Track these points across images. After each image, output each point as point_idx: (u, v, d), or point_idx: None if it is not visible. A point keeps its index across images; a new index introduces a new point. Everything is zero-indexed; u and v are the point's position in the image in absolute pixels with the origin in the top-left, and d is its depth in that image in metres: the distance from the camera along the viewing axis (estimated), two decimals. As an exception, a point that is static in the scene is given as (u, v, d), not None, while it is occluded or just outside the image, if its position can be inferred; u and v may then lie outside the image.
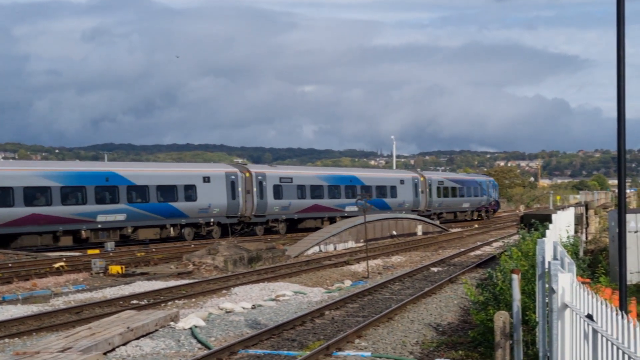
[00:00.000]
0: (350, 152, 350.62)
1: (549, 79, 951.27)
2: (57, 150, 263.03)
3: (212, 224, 52.78)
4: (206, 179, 52.35)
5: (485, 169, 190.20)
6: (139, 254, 40.29)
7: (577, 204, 47.89)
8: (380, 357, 15.43)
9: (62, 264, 33.66)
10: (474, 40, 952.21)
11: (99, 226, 46.10)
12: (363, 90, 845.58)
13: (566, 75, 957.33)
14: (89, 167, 50.01)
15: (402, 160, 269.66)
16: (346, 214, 60.67)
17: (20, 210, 41.99)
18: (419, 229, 56.26)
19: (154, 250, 43.39)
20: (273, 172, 58.76)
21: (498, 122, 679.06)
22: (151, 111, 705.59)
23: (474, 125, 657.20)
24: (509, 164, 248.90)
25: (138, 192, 48.30)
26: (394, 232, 52.49)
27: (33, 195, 43.18)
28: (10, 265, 34.75)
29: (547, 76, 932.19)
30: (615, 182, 12.54)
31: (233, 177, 54.10)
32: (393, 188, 69.27)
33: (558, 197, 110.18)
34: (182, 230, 51.13)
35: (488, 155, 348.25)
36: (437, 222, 65.55)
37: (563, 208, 40.64)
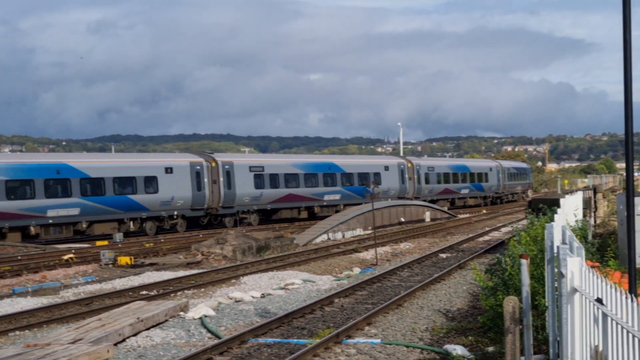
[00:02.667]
0: (357, 140, 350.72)
1: (555, 63, 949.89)
2: (64, 143, 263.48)
3: None
4: (386, 168, 67.83)
5: (493, 154, 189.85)
6: (147, 245, 40.37)
7: (585, 188, 47.77)
8: (390, 344, 15.43)
9: (71, 255, 33.74)
10: (479, 26, 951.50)
11: (324, 204, 60.69)
12: (368, 77, 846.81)
13: (572, 59, 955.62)
14: (319, 159, 67.48)
15: (409, 146, 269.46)
16: (461, 195, 78.99)
17: (282, 191, 57.25)
18: (427, 216, 56.26)
19: (162, 240, 43.48)
20: (424, 163, 74.57)
21: (504, 107, 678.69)
22: (157, 102, 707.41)
23: (479, 110, 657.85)
24: (516, 149, 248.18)
25: (346, 178, 63.31)
26: (402, 219, 52.50)
27: (288, 179, 58.17)
28: (19, 257, 34.85)
29: (552, 60, 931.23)
30: (623, 165, 12.50)
31: (402, 166, 69.83)
32: (486, 174, 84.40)
33: (566, 182, 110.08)
34: None
35: (495, 141, 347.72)
36: (446, 208, 66.02)
37: (571, 192, 40.54)
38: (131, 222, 47.46)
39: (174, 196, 49.62)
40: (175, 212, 50.10)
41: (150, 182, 48.74)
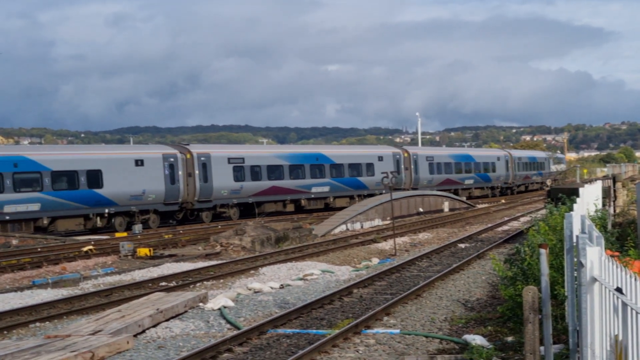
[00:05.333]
0: (375, 130, 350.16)
1: (573, 52, 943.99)
2: (82, 135, 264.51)
3: (497, 187, 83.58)
4: (499, 159, 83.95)
5: (512, 144, 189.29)
6: (166, 236, 40.50)
7: (605, 177, 47.52)
8: (409, 334, 15.43)
9: (91, 247, 33.90)
10: (497, 15, 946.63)
11: (464, 186, 76.01)
12: (386, 68, 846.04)
13: (590, 48, 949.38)
14: (455, 151, 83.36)
15: (428, 136, 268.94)
16: (532, 181, 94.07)
17: (443, 177, 72.13)
18: (446, 206, 56.14)
19: (181, 232, 43.61)
20: (516, 154, 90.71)
21: (522, 96, 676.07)
22: (175, 93, 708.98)
23: (497, 100, 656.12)
24: (534, 139, 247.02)
25: (457, 167, 76.11)
26: (421, 209, 52.42)
27: (446, 167, 73.27)
28: (39, 249, 35.05)
29: (571, 49, 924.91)
30: (643, 154, 12.35)
31: (506, 158, 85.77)
32: (544, 164, 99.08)
33: (585, 171, 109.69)
34: (494, 192, 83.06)
35: (514, 130, 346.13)
36: (464, 198, 66.04)
37: (590, 181, 40.33)
38: (357, 198, 60.02)
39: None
40: (384, 191, 59.56)
41: (369, 168, 62.87)
